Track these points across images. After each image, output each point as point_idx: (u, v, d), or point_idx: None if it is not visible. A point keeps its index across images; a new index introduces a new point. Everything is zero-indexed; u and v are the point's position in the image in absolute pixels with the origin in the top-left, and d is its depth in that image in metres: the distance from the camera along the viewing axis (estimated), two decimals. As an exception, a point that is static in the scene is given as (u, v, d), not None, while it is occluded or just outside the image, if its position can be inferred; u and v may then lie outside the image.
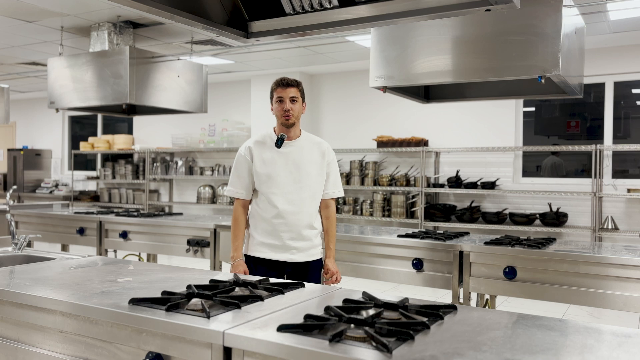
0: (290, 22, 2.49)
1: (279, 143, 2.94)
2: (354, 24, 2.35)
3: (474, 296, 3.58)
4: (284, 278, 2.99)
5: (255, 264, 3.00)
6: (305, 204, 2.97)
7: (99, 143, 9.88)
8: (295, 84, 2.96)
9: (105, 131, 10.66)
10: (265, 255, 2.98)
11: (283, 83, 2.95)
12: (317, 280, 3.08)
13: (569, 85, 3.42)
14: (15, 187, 7.54)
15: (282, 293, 2.01)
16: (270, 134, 3.03)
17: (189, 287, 1.94)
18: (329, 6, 2.34)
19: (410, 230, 4.05)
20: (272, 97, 2.99)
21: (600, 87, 6.56)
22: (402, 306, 1.76)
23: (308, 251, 3.01)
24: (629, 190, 6.11)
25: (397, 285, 5.82)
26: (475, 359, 1.36)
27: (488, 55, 3.24)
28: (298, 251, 2.97)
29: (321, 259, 3.11)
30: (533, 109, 7.15)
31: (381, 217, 7.20)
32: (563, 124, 7.07)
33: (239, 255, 3.01)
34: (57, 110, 5.81)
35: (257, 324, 1.61)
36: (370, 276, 3.72)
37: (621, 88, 6.51)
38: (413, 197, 7.16)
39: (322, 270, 3.10)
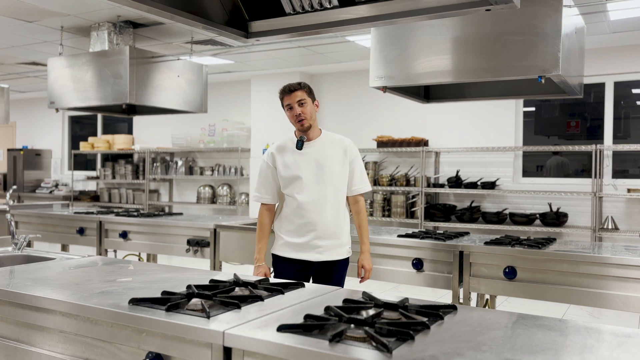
0: (290, 22, 2.49)
1: (299, 145, 2.97)
2: (354, 24, 2.35)
3: (474, 296, 3.58)
4: (310, 277, 3.03)
5: (282, 263, 3.05)
6: (329, 202, 2.99)
7: (99, 143, 9.88)
8: (299, 87, 2.98)
9: (105, 131, 10.66)
10: (292, 254, 3.01)
11: (287, 90, 2.99)
12: (341, 279, 3.09)
13: (569, 85, 3.41)
14: (15, 187, 7.54)
15: (282, 293, 2.01)
16: (291, 137, 3.08)
17: (189, 287, 1.94)
18: (329, 6, 2.34)
19: (410, 230, 4.05)
20: (282, 107, 3.04)
21: (600, 87, 6.56)
22: (402, 306, 1.76)
23: (334, 250, 3.02)
24: (629, 190, 6.11)
25: (397, 285, 5.82)
26: (475, 359, 1.36)
27: (488, 55, 3.23)
28: (324, 249, 2.99)
29: (348, 258, 3.12)
30: (533, 109, 7.15)
31: (381, 217, 7.20)
32: (563, 124, 7.07)
33: (262, 258, 3.06)
34: (57, 110, 5.81)
35: (257, 324, 1.61)
36: (371, 276, 3.71)
37: (621, 88, 6.51)
38: (413, 197, 7.16)
39: (357, 265, 3.12)
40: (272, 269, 3.14)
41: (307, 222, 2.97)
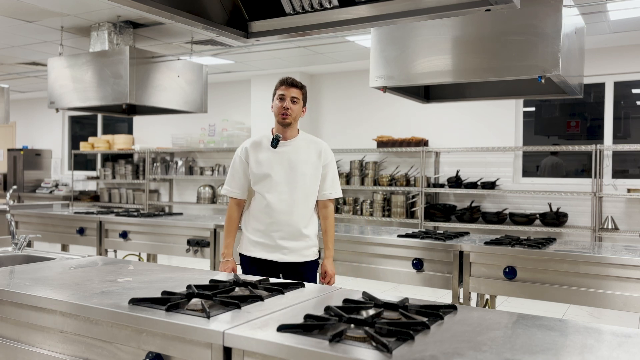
0: (290, 22, 2.49)
1: (274, 143, 2.95)
2: (354, 24, 2.35)
3: (474, 296, 3.58)
4: (278, 278, 2.99)
5: (249, 263, 3.03)
6: (298, 204, 2.97)
7: (99, 143, 9.88)
8: (300, 86, 2.98)
9: (105, 131, 10.66)
10: (257, 254, 2.99)
11: (287, 82, 2.97)
12: (312, 281, 3.05)
13: (569, 85, 3.42)
14: (15, 187, 7.54)
15: (282, 293, 2.01)
16: (267, 134, 3.06)
17: (189, 287, 1.93)
18: (329, 6, 2.34)
19: (410, 230, 4.05)
20: (274, 94, 3.01)
21: (600, 87, 6.56)
22: (402, 306, 1.76)
23: (301, 252, 3.00)
24: (629, 190, 6.11)
25: (397, 285, 5.82)
26: (475, 359, 1.36)
27: (488, 55, 3.23)
28: (290, 251, 2.97)
29: (317, 260, 3.10)
30: (533, 109, 7.15)
31: (381, 217, 7.20)
32: (563, 124, 7.07)
33: (229, 253, 3.04)
34: (57, 110, 5.82)
35: (257, 324, 1.61)
36: (370, 276, 3.72)
37: (621, 88, 6.51)
38: (413, 197, 7.16)
39: (319, 271, 3.10)
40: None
41: (273, 222, 2.95)
